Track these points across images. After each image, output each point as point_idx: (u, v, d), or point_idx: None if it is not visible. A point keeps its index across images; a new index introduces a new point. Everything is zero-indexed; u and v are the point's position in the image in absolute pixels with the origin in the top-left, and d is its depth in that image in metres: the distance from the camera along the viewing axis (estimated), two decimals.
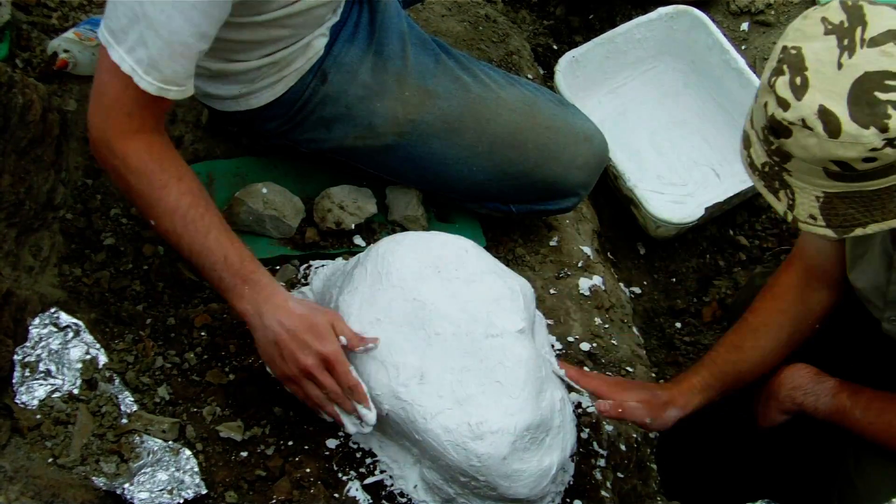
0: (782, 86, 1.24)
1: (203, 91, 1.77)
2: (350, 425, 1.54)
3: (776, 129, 1.26)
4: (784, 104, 1.24)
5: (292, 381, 1.54)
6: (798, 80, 1.23)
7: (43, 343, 1.57)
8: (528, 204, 1.95)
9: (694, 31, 2.56)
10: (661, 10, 2.57)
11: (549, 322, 1.92)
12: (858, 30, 1.22)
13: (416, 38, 1.86)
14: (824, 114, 1.21)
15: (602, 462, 1.75)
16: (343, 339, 1.49)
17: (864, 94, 1.20)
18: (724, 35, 2.53)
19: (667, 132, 2.60)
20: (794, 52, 1.25)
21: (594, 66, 2.57)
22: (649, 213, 2.34)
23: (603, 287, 2.08)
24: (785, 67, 1.25)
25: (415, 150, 1.83)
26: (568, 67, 2.51)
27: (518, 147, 1.86)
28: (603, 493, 1.71)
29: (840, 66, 1.21)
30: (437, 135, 1.82)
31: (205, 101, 1.84)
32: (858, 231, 1.29)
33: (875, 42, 1.21)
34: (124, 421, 1.54)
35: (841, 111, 1.20)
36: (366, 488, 1.60)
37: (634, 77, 2.65)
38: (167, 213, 1.51)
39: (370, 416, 1.50)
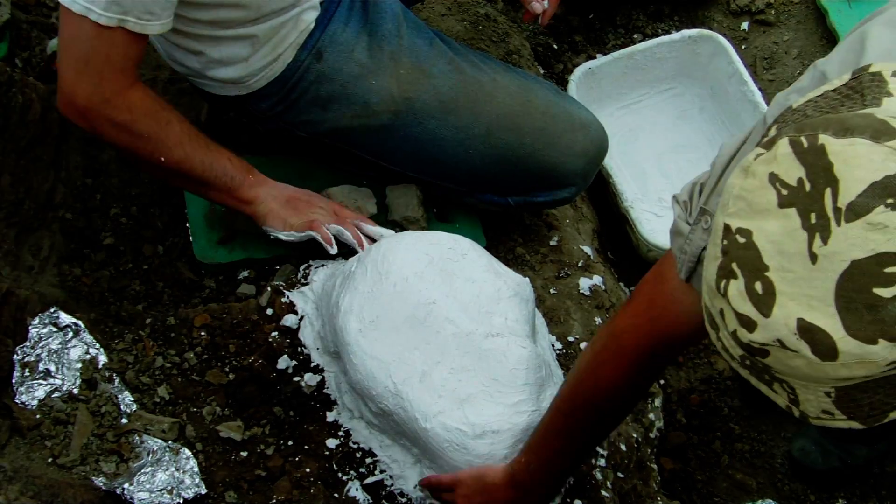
0: (738, 297, 0.85)
1: (204, 74, 1.78)
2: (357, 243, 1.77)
3: (749, 349, 0.87)
4: (748, 324, 0.85)
5: (311, 221, 1.77)
6: (759, 287, 0.83)
7: (42, 343, 1.56)
8: (525, 195, 1.96)
9: (716, 58, 2.52)
10: (685, 32, 2.53)
11: (549, 322, 1.91)
12: (828, 194, 0.80)
13: (411, 22, 1.90)
14: (808, 332, 0.81)
15: (602, 462, 1.75)
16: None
17: (857, 294, 0.79)
18: (744, 64, 2.49)
19: (675, 155, 2.56)
20: (742, 240, 0.84)
21: (610, 80, 2.54)
22: (642, 237, 2.33)
23: (603, 287, 2.07)
24: (735, 267, 0.84)
25: (410, 130, 1.84)
26: (583, 78, 2.48)
27: (515, 131, 1.87)
28: (603, 493, 1.71)
29: (813, 257, 0.80)
30: (432, 114, 1.83)
31: (204, 86, 1.84)
32: (894, 415, 0.89)
33: (856, 211, 0.79)
34: (124, 421, 1.54)
35: (831, 325, 0.80)
36: (366, 488, 1.60)
37: (651, 96, 2.61)
38: (178, 143, 1.63)
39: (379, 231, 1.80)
